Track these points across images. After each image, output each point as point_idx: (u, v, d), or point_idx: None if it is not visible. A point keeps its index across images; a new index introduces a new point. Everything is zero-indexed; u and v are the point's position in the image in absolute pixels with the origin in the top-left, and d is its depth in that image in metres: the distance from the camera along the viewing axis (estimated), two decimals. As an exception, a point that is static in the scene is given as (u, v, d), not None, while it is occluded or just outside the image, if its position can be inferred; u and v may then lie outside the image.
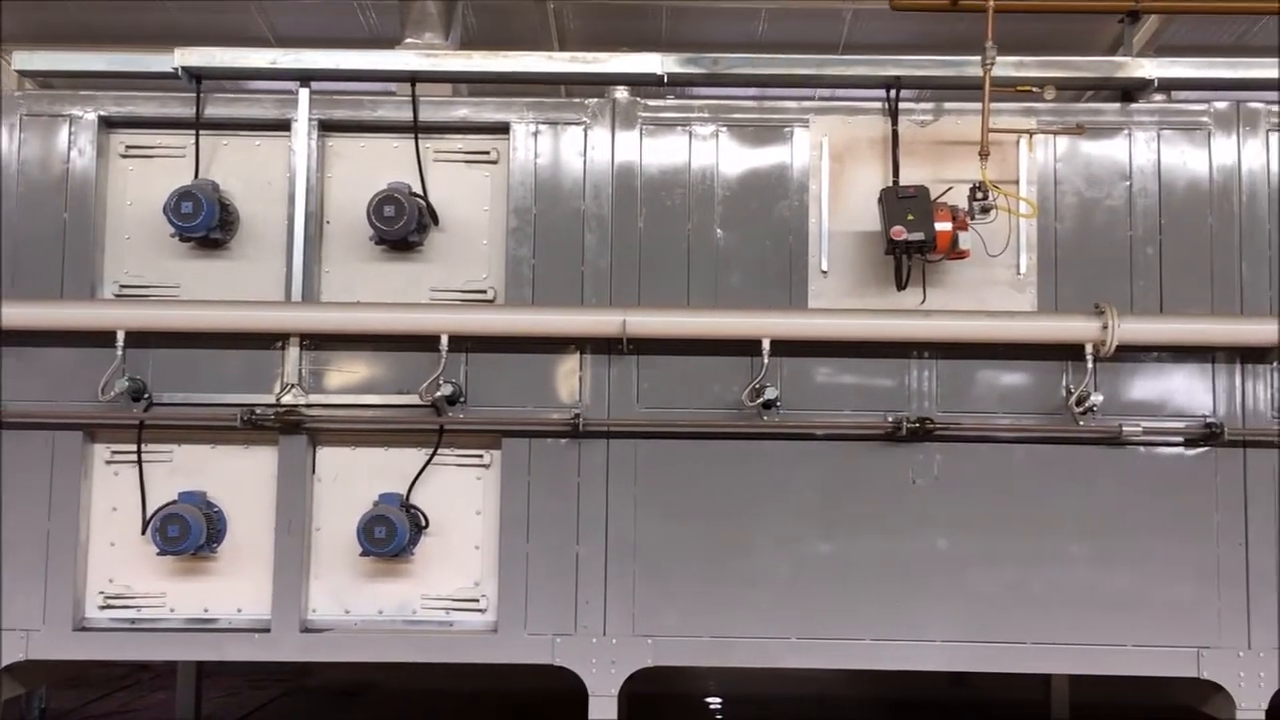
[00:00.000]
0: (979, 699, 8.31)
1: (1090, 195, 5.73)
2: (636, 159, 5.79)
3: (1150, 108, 5.78)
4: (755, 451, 5.68)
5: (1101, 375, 5.58)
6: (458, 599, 5.70)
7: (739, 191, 5.79)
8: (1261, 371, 5.63)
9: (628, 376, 5.68)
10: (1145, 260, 5.68)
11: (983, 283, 5.70)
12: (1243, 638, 5.49)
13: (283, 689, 8.55)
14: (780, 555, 5.64)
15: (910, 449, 5.65)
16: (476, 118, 5.84)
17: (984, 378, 5.70)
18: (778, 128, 5.81)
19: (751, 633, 5.60)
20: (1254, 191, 5.68)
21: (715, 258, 5.76)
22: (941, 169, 5.74)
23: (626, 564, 5.61)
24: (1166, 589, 5.56)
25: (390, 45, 7.00)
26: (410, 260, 5.81)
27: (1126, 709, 7.58)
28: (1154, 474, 5.63)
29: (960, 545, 5.62)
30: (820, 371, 5.72)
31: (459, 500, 5.73)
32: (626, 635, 5.57)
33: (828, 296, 5.73)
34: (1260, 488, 5.55)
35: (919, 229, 5.36)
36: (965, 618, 5.60)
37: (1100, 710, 7.53)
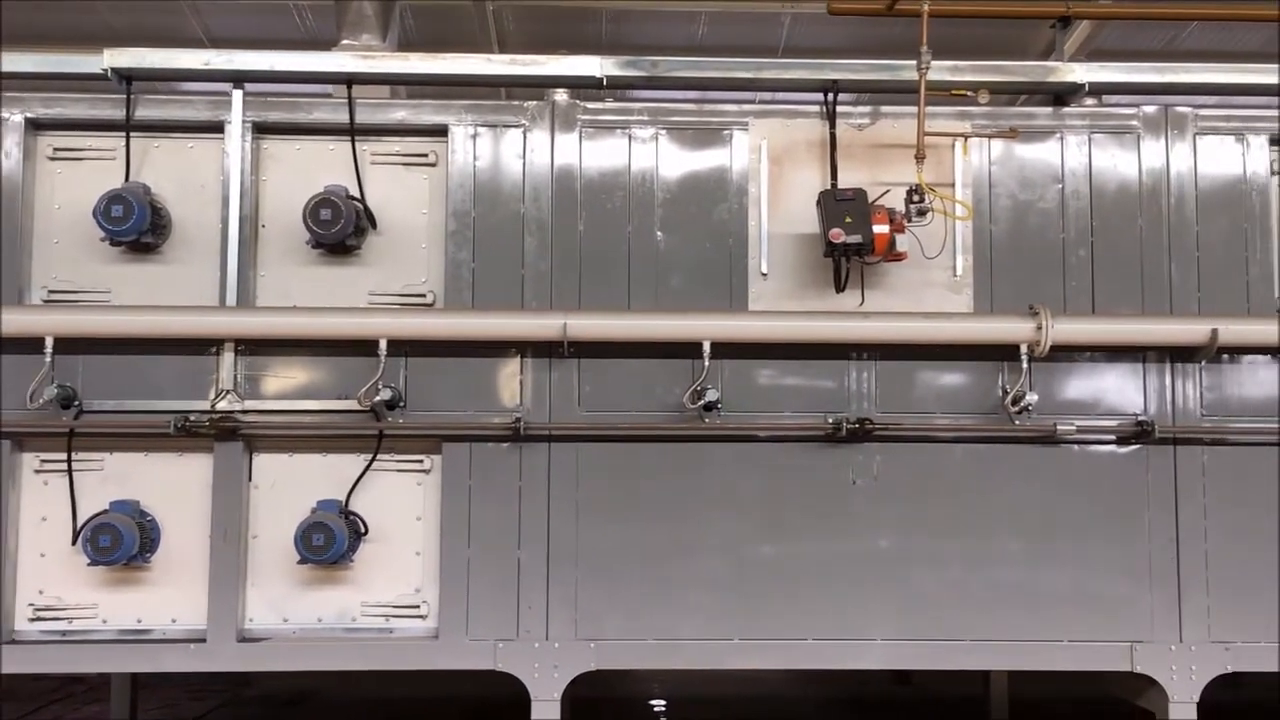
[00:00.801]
0: (921, 696, 8.41)
1: (1024, 198, 5.82)
2: (576, 162, 5.77)
3: (1081, 112, 5.88)
4: (697, 454, 5.69)
5: (1036, 375, 5.65)
6: (398, 605, 5.64)
7: (679, 194, 5.80)
8: (1190, 371, 5.74)
9: (569, 380, 5.67)
10: (1078, 262, 5.78)
11: (920, 284, 5.76)
12: (1174, 632, 5.59)
13: (221, 699, 8.41)
14: (722, 557, 5.65)
15: (850, 449, 5.70)
16: (414, 120, 5.79)
17: (922, 378, 5.76)
18: (717, 130, 5.83)
19: (695, 634, 5.60)
20: (1182, 194, 5.79)
21: (656, 260, 5.77)
22: (879, 172, 5.79)
23: (569, 568, 5.59)
24: (1101, 585, 5.65)
25: (327, 47, 6.92)
26: (348, 264, 5.75)
27: (1063, 704, 7.71)
28: (1088, 472, 5.71)
29: (900, 544, 5.67)
30: (761, 373, 5.74)
31: (399, 506, 5.68)
32: (569, 639, 5.55)
33: (768, 299, 5.76)
34: (1190, 484, 5.66)
35: (857, 231, 5.40)
36: (905, 616, 5.64)
37: (1038, 705, 7.65)
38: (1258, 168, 5.80)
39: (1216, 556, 5.62)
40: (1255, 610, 5.60)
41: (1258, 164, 5.80)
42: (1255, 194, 5.79)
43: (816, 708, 8.48)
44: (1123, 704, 6.01)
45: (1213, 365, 5.72)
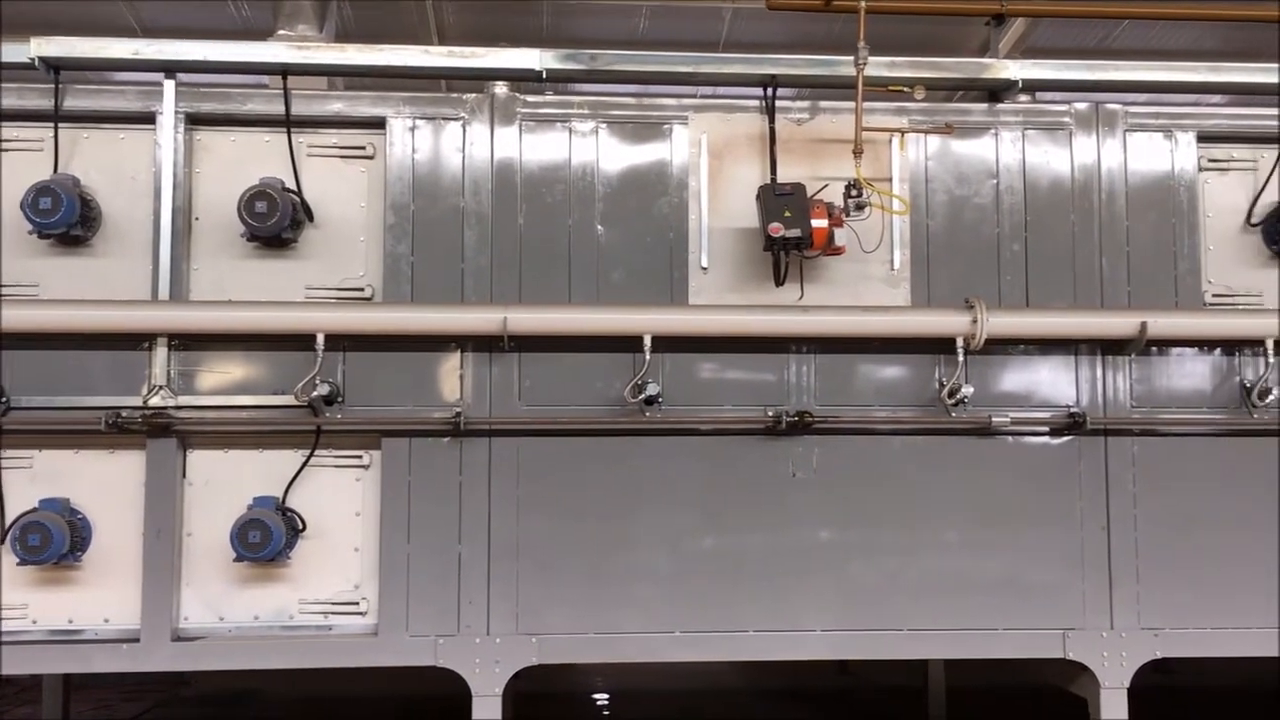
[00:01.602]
0: (861, 686, 8.50)
1: (960, 193, 5.89)
2: (516, 155, 5.75)
3: (1015, 108, 5.96)
4: (638, 447, 5.69)
5: (972, 368, 5.73)
6: (337, 602, 5.59)
7: (619, 188, 5.80)
8: (1121, 363, 5.85)
9: (509, 374, 5.65)
10: (1012, 256, 5.86)
11: (858, 278, 5.81)
12: (1105, 619, 5.70)
13: (157, 700, 8.29)
14: (663, 550, 5.67)
15: (790, 442, 5.74)
16: (351, 112, 5.73)
17: (861, 371, 5.81)
18: (657, 125, 5.83)
19: (636, 628, 5.61)
20: (1112, 189, 5.90)
21: (596, 254, 5.76)
22: (818, 167, 5.83)
23: (510, 563, 5.57)
24: (1034, 573, 5.74)
25: (263, 38, 6.81)
26: (284, 258, 5.68)
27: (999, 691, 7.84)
28: (1022, 462, 5.80)
29: (839, 536, 5.72)
30: (702, 367, 5.76)
31: (338, 502, 5.62)
32: (510, 634, 5.53)
33: (708, 293, 5.77)
34: (1120, 474, 5.77)
35: (796, 226, 5.43)
36: (845, 607, 5.69)
37: (974, 693, 7.78)
38: (1185, 164, 5.93)
39: (1146, 544, 5.74)
40: (1183, 597, 5.73)
41: (1185, 160, 5.93)
42: (1183, 190, 5.92)
43: (758, 699, 8.55)
44: (1056, 690, 6.11)
45: (1142, 358, 5.83)
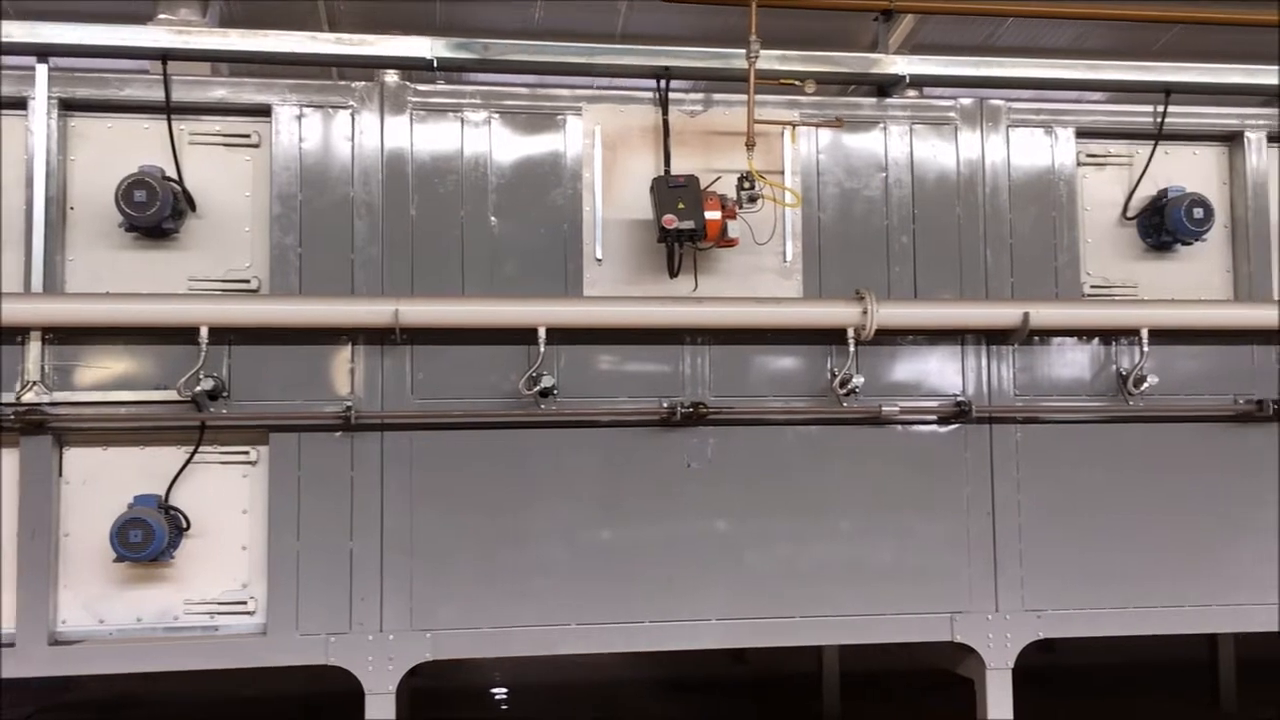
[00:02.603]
0: (758, 674, 8.61)
1: (850, 186, 5.98)
2: (408, 145, 5.66)
3: (903, 103, 6.07)
4: (533, 440, 5.66)
5: (863, 358, 5.82)
6: (224, 602, 5.45)
7: (513, 179, 5.75)
8: (1005, 353, 6.00)
9: (401, 367, 5.57)
10: (900, 248, 5.97)
11: (751, 270, 5.86)
12: (990, 602, 5.85)
13: (38, 706, 8.00)
14: (559, 543, 5.65)
15: (685, 433, 5.76)
16: (235, 99, 5.58)
17: (755, 362, 5.86)
18: (551, 115, 5.80)
19: (532, 622, 5.58)
20: (996, 184, 6.04)
21: (490, 246, 5.71)
22: (711, 159, 5.86)
23: (403, 558, 5.50)
24: (923, 559, 5.86)
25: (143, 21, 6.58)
26: (166, 248, 5.51)
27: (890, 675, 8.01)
28: (911, 451, 5.91)
29: (734, 526, 5.76)
30: (597, 359, 5.75)
31: (224, 499, 5.48)
32: (404, 630, 5.46)
33: (603, 284, 5.77)
34: (1004, 461, 5.92)
35: (689, 217, 5.45)
36: (740, 596, 5.74)
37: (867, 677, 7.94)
38: (1065, 159, 6.10)
39: (1029, 529, 5.90)
40: (1064, 579, 5.90)
41: (1065, 155, 6.10)
42: (1063, 184, 6.09)
43: (657, 690, 8.59)
44: (946, 673, 6.26)
45: (1025, 347, 5.98)
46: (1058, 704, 7.94)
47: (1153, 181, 6.15)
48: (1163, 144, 6.17)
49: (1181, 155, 6.27)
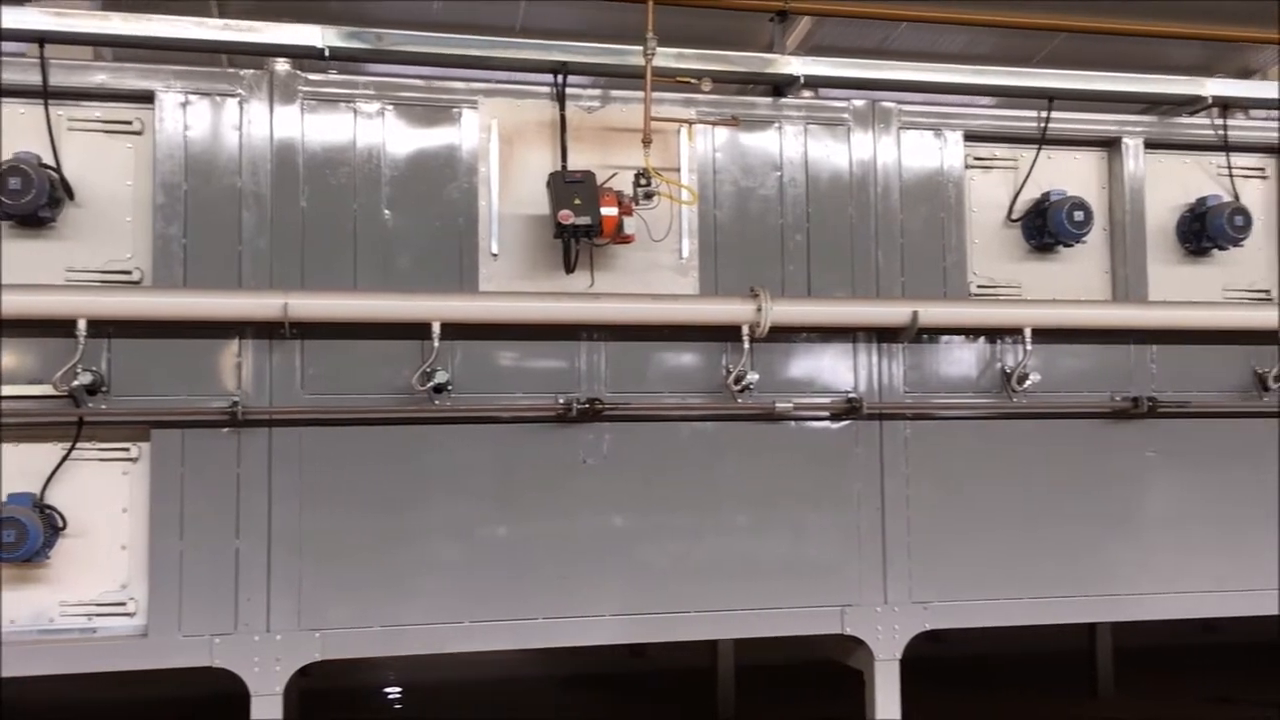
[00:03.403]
0: (654, 668, 8.64)
1: (745, 184, 6.03)
2: (298, 135, 5.55)
3: (798, 103, 6.14)
4: (427, 436, 5.60)
5: (757, 355, 5.88)
6: (102, 603, 5.29)
7: (407, 172, 5.68)
8: (895, 350, 6.12)
9: (291, 362, 5.45)
10: (795, 246, 6.04)
11: (648, 267, 5.88)
12: (879, 594, 5.96)
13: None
14: (453, 540, 5.60)
15: (581, 429, 5.75)
16: (117, 85, 5.41)
17: (651, 359, 5.87)
18: (446, 108, 5.74)
19: (424, 620, 5.52)
20: (888, 184, 6.16)
21: (383, 239, 5.63)
22: (608, 155, 5.86)
23: (291, 557, 5.39)
24: (815, 553, 5.94)
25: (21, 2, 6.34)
26: (42, 238, 5.32)
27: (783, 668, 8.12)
28: (804, 446, 5.99)
29: (629, 521, 5.78)
30: (492, 354, 5.71)
31: (103, 498, 5.32)
32: (291, 631, 5.35)
33: (498, 279, 5.73)
34: (894, 456, 6.04)
35: (586, 213, 5.44)
36: (635, 591, 5.76)
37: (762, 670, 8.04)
38: (954, 161, 6.24)
39: (917, 522, 6.03)
40: (951, 571, 6.04)
41: (953, 158, 6.24)
42: (951, 186, 6.23)
43: (554, 686, 8.58)
44: (836, 665, 6.36)
45: (915, 345, 6.11)
46: (946, 694, 8.13)
47: (1036, 185, 6.33)
48: (1046, 148, 6.36)
49: (1063, 160, 6.47)
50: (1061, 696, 8.33)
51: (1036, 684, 8.70)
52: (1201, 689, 8.26)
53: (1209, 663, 9.08)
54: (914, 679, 6.01)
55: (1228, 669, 8.93)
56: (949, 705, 7.82)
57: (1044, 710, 7.89)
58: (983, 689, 8.52)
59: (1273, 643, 8.94)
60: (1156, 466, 6.32)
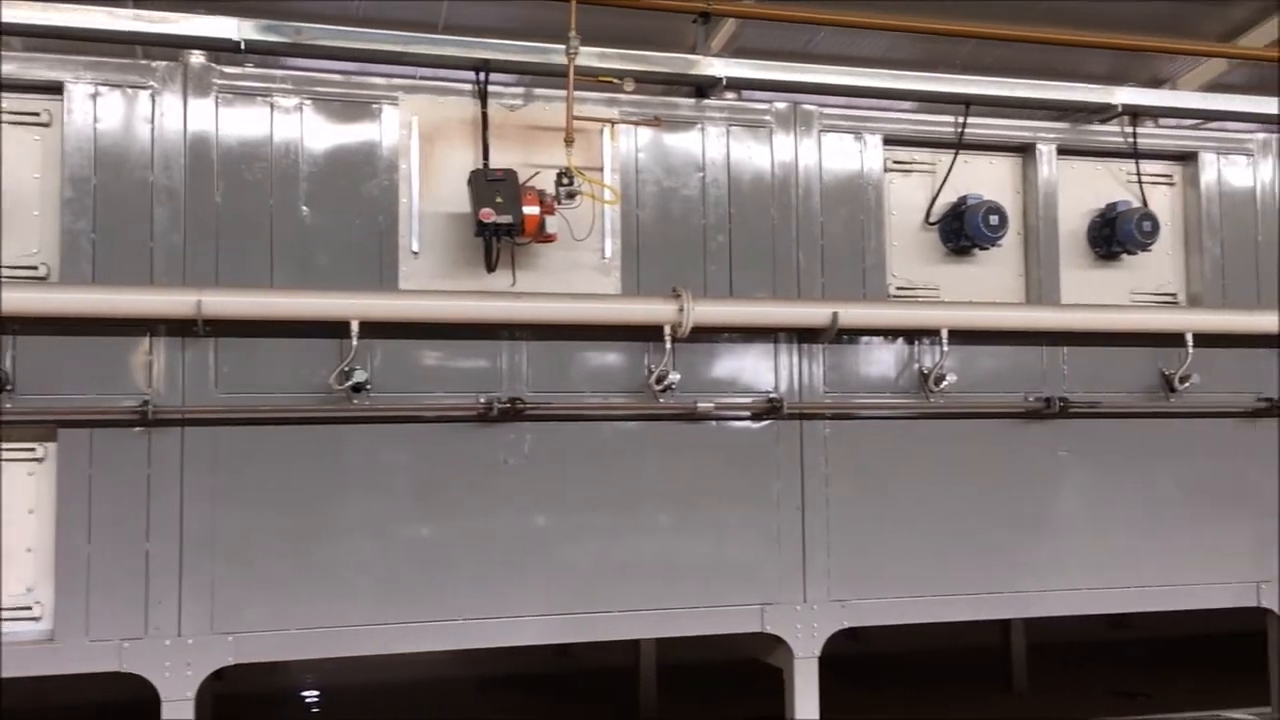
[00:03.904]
0: (579, 668, 8.63)
1: (668, 185, 6.05)
2: (213, 129, 5.44)
3: (721, 104, 6.17)
4: (345, 436, 5.53)
5: (680, 355, 5.89)
6: (6, 607, 5.13)
7: (326, 168, 5.60)
8: (816, 351, 6.18)
9: (204, 360, 5.35)
10: (717, 247, 6.07)
11: (570, 266, 5.86)
12: (799, 593, 6.01)
13: None
14: (372, 541, 5.53)
15: (502, 429, 5.72)
16: (24, 75, 5.26)
17: (573, 358, 5.86)
18: (366, 104, 5.67)
19: (341, 622, 5.45)
20: (809, 186, 6.22)
21: (301, 236, 5.54)
22: (531, 154, 5.84)
23: (204, 559, 5.29)
24: (737, 552, 5.97)
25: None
26: (-57, 231, 5.16)
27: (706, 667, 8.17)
28: (726, 446, 6.03)
29: (551, 521, 5.76)
30: (413, 353, 5.65)
31: (8, 499, 5.17)
32: (204, 634, 5.25)
33: (419, 278, 5.67)
34: (813, 456, 6.09)
35: (507, 212, 5.42)
36: (558, 591, 5.74)
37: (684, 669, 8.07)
38: (873, 165, 6.32)
39: (836, 521, 6.09)
40: (869, 569, 6.12)
41: (873, 161, 6.32)
42: (871, 188, 6.31)
43: (477, 687, 8.53)
44: (758, 664, 6.41)
45: (835, 346, 6.17)
46: (865, 691, 8.24)
47: (954, 189, 6.44)
48: (963, 153, 6.47)
49: (980, 164, 6.59)
50: (977, 692, 8.48)
51: (953, 680, 8.85)
52: (1110, 684, 8.46)
53: (1117, 658, 9.32)
54: (835, 677, 6.08)
55: (1135, 664, 9.18)
56: (868, 703, 7.92)
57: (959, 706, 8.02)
58: (901, 686, 8.64)
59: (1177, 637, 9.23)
60: (1068, 465, 6.47)
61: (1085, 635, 9.21)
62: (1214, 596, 6.63)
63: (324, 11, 8.08)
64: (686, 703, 8.04)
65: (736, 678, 7.85)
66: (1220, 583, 6.61)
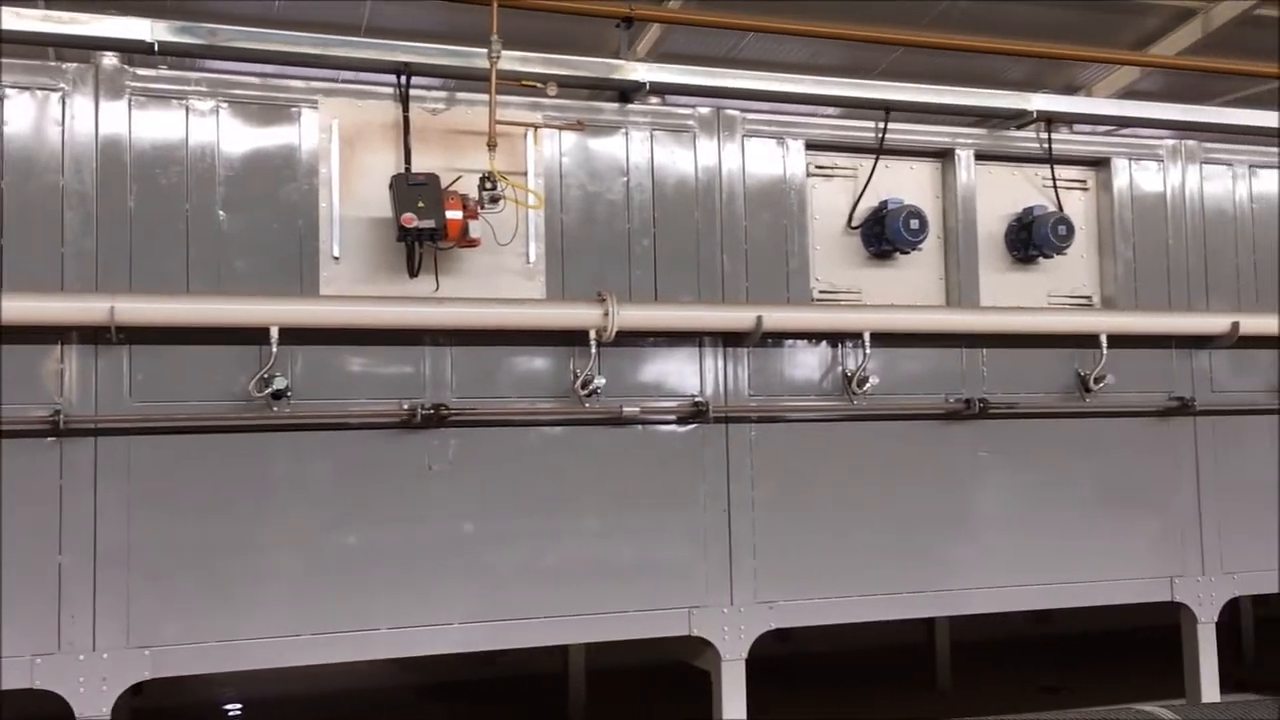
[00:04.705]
0: (507, 675, 8.59)
1: (593, 189, 6.05)
2: (126, 132, 5.33)
3: (644, 109, 6.19)
4: (265, 444, 5.44)
5: (605, 360, 5.89)
6: (-89, 625, 4.98)
7: (244, 172, 5.51)
8: (741, 355, 6.21)
9: (118, 368, 5.23)
10: (642, 251, 6.08)
11: (494, 271, 5.83)
12: (726, 595, 6.04)
13: None
14: (294, 550, 5.45)
15: (426, 435, 5.67)
16: (-74, 76, 5.11)
17: (498, 363, 5.83)
18: (284, 107, 5.59)
19: (263, 633, 5.35)
20: (733, 190, 6.26)
21: (218, 241, 5.45)
22: (454, 158, 5.80)
23: (119, 572, 5.16)
24: (664, 556, 5.98)
25: None
26: None
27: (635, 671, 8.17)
28: (652, 450, 6.02)
29: (477, 528, 5.71)
30: (335, 359, 5.58)
31: (-89, 513, 5.01)
32: (120, 649, 5.13)
33: (340, 283, 5.61)
34: (739, 458, 6.12)
35: (430, 216, 5.38)
36: (483, 598, 5.69)
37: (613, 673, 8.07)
38: (796, 169, 6.38)
39: (762, 523, 6.13)
40: (796, 570, 6.16)
41: (796, 166, 6.38)
42: (794, 193, 6.36)
43: (408, 695, 8.45)
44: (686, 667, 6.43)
45: (760, 349, 6.21)
46: (793, 692, 8.30)
47: (875, 193, 6.52)
48: (883, 158, 6.55)
49: (900, 169, 6.68)
50: (902, 690, 8.59)
51: (880, 679, 8.96)
52: (1033, 679, 8.62)
53: (1040, 654, 9.50)
54: (765, 678, 6.11)
55: (1057, 660, 9.36)
56: (796, 703, 7.98)
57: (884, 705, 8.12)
58: (828, 686, 8.73)
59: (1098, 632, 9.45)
60: (988, 465, 6.58)
61: (1008, 632, 9.37)
62: (1130, 591, 6.78)
63: (244, 13, 7.96)
64: (615, 707, 8.04)
65: (666, 681, 7.87)
66: (1136, 578, 6.77)
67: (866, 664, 9.18)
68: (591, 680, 7.78)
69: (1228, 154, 7.25)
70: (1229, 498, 6.97)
